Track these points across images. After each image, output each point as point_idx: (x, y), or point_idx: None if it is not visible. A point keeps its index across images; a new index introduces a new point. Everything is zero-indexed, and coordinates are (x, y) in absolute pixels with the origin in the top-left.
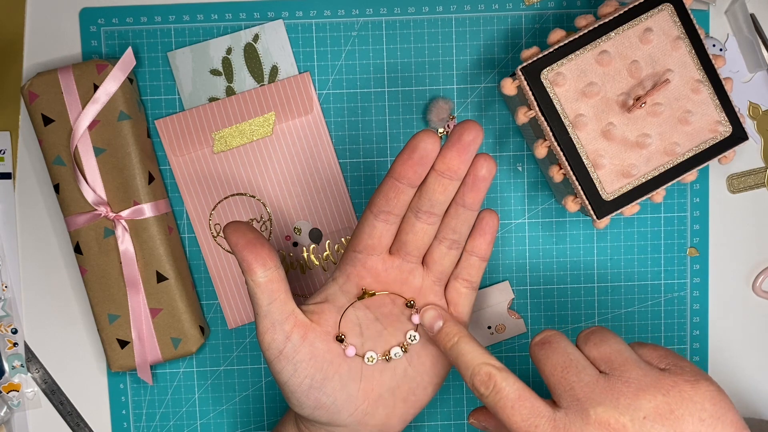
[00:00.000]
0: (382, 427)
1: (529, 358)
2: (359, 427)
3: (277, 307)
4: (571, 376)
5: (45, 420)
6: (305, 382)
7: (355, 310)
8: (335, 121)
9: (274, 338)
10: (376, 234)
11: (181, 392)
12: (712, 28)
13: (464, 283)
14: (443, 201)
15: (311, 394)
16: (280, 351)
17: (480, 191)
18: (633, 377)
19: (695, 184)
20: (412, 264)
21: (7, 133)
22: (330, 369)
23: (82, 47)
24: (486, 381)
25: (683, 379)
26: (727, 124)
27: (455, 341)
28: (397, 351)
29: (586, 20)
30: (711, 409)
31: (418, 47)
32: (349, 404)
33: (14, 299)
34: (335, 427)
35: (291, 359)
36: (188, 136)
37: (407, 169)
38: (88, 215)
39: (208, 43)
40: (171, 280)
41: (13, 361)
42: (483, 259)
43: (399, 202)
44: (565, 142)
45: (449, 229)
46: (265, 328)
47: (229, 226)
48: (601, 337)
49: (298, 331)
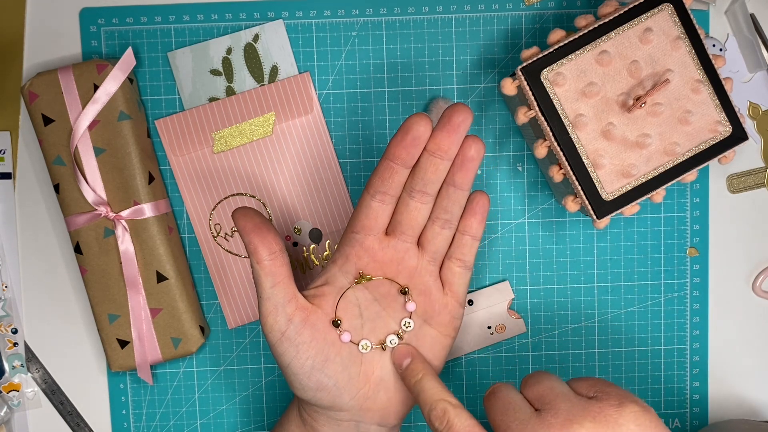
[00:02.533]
0: (383, 411)
1: (529, 357)
2: (361, 412)
3: (279, 290)
4: (509, 416)
5: (45, 420)
6: (307, 364)
7: (354, 291)
8: (335, 121)
9: (276, 320)
10: (373, 214)
11: (181, 392)
12: (712, 28)
13: (458, 263)
14: (435, 180)
15: (313, 376)
16: (282, 333)
17: (469, 171)
18: (562, 409)
19: (695, 184)
20: (407, 244)
21: (7, 133)
22: (331, 351)
23: (82, 47)
24: (440, 416)
25: (608, 404)
26: (727, 124)
27: (419, 378)
28: (393, 338)
29: (586, 20)
30: (636, 429)
31: (418, 47)
32: (351, 387)
33: (14, 299)
34: (338, 411)
35: (293, 341)
36: (188, 136)
37: (401, 150)
38: (88, 215)
39: (208, 43)
40: (171, 280)
41: (13, 361)
42: (475, 239)
43: (394, 183)
44: (565, 142)
45: (441, 209)
46: (268, 310)
47: (237, 210)
48: (537, 379)
49: (300, 313)
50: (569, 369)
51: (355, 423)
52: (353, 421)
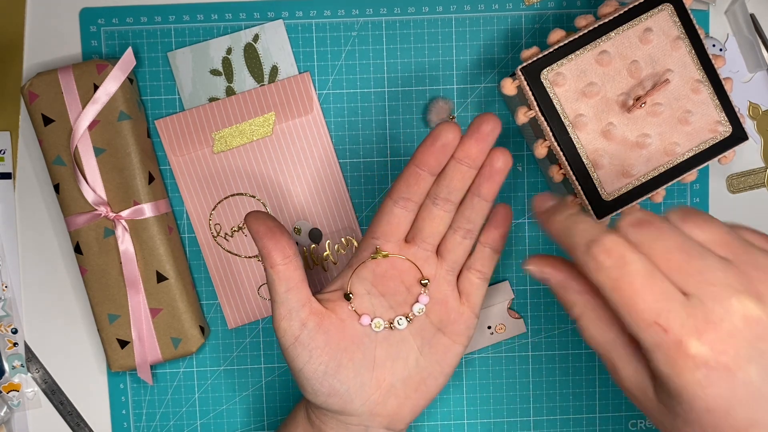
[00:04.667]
0: (392, 417)
1: (529, 358)
2: (370, 417)
3: (293, 294)
4: (696, 260)
5: (45, 420)
6: (320, 369)
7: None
8: (335, 121)
9: (290, 325)
10: (395, 220)
11: (181, 392)
12: (712, 28)
13: (477, 274)
14: (460, 188)
15: (326, 381)
16: (295, 338)
17: (495, 182)
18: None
19: (695, 184)
20: (427, 252)
21: (7, 133)
22: (344, 356)
23: (82, 47)
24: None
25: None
26: (727, 124)
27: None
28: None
29: (586, 20)
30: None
31: (418, 47)
32: (362, 393)
33: (14, 299)
34: (347, 416)
35: (306, 346)
36: (188, 136)
37: (429, 157)
38: (88, 215)
39: (208, 43)
40: (171, 280)
41: (13, 361)
42: (496, 251)
43: (419, 189)
44: (565, 142)
45: (464, 218)
46: (282, 315)
47: (250, 215)
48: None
49: (314, 318)
50: (569, 369)
51: (364, 427)
52: (362, 425)
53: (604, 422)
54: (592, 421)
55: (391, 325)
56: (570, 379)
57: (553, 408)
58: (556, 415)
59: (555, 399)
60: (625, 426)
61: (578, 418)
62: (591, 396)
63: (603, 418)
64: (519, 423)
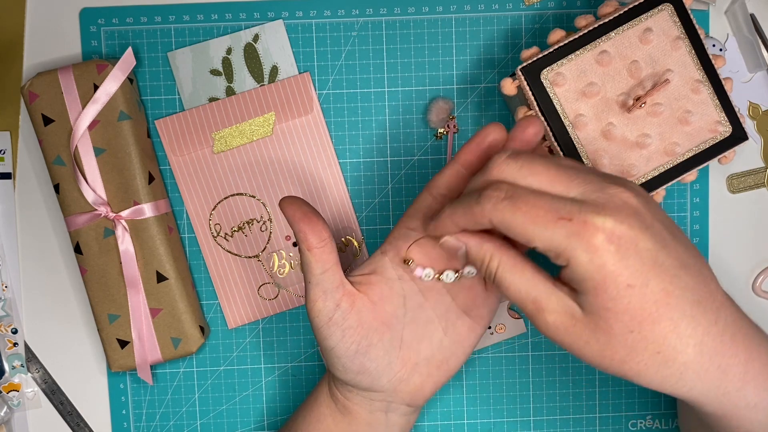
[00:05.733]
0: (414, 393)
1: (529, 358)
2: (394, 393)
3: (329, 276)
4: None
5: (45, 420)
6: (352, 348)
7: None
8: (335, 121)
9: (325, 305)
10: (430, 213)
11: (181, 392)
12: (712, 28)
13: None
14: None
15: (356, 359)
16: (329, 318)
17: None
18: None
19: (695, 184)
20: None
21: (7, 133)
22: (375, 336)
23: (82, 47)
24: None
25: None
26: (727, 124)
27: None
28: (450, 274)
29: (586, 20)
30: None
31: (418, 47)
32: (389, 371)
33: (14, 299)
34: (374, 392)
35: (340, 325)
36: (188, 136)
37: (473, 157)
38: (88, 215)
39: (208, 43)
40: (171, 280)
41: (13, 361)
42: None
43: (459, 187)
44: (565, 142)
45: None
46: (317, 295)
47: (285, 199)
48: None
49: (347, 299)
50: (569, 369)
51: (387, 403)
52: (385, 401)
53: (604, 422)
54: (592, 421)
55: (439, 277)
56: (570, 379)
57: (553, 408)
58: (556, 415)
59: (555, 399)
60: (625, 426)
61: (578, 418)
62: (591, 396)
63: (603, 418)
64: (519, 423)
